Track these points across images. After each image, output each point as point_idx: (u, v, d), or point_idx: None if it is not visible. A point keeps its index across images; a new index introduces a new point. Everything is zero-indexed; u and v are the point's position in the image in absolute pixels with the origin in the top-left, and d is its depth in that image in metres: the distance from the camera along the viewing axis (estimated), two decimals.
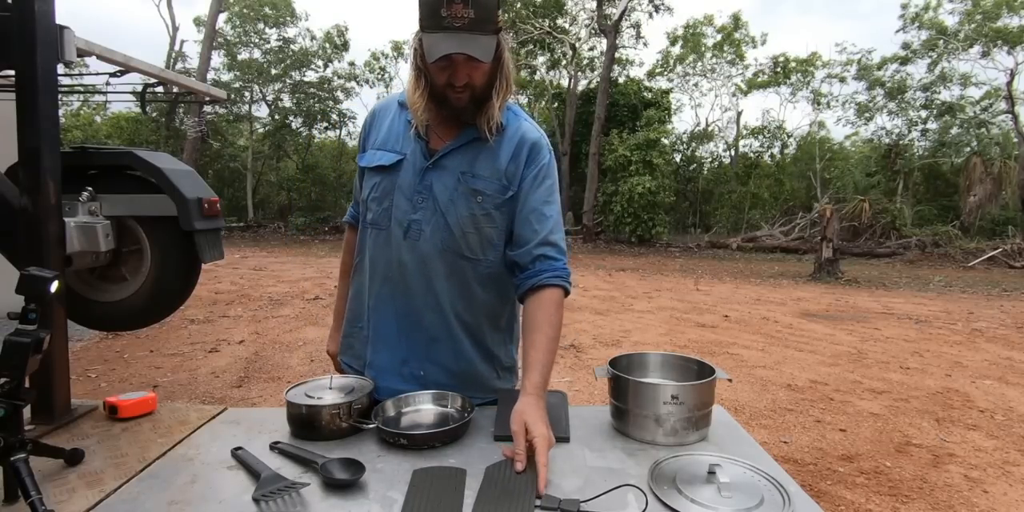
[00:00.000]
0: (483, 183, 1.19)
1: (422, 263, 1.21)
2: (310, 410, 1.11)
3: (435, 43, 1.04)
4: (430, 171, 1.20)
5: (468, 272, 1.23)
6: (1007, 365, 5.02)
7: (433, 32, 1.05)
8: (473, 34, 1.04)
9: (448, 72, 1.09)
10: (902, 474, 2.91)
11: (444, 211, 1.19)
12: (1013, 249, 14.36)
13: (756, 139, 24.36)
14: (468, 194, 1.19)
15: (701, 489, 0.90)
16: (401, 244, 1.22)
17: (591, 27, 20.66)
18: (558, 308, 1.16)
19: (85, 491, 0.92)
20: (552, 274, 1.17)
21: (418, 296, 1.23)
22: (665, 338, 5.77)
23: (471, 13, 1.02)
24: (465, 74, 1.09)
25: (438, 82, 1.12)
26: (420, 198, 1.20)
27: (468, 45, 1.04)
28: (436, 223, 1.20)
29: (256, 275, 9.83)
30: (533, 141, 1.22)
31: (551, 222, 1.21)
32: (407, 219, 1.21)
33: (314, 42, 22.05)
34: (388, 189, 1.22)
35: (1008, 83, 18.86)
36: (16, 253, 1.31)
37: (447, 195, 1.19)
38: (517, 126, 1.23)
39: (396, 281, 1.24)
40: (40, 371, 1.11)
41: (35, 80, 1.20)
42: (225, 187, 22.03)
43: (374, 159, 1.25)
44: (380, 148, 1.25)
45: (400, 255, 1.22)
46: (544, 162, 1.23)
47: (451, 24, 1.03)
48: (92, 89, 2.83)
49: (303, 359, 4.82)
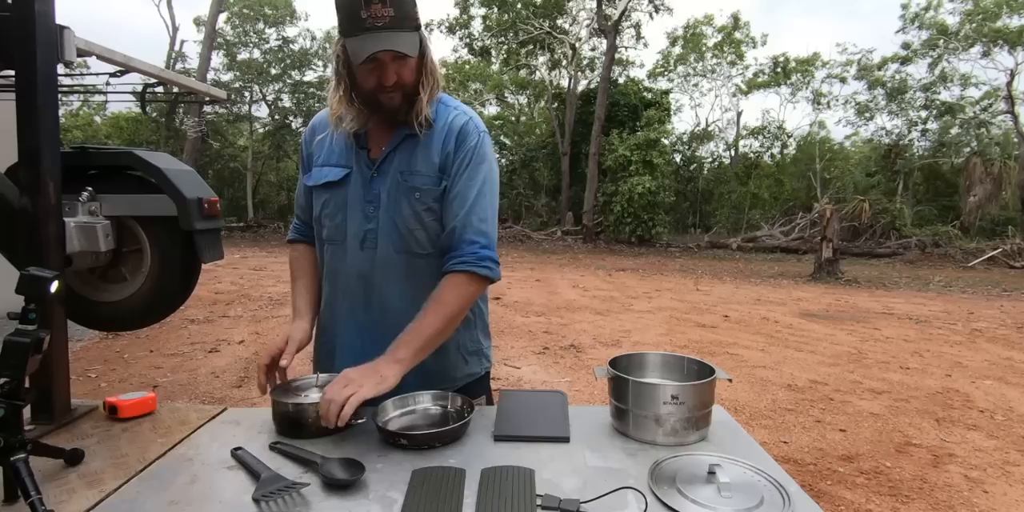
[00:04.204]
0: (420, 179, 1.19)
1: (382, 270, 1.23)
2: (297, 408, 1.12)
3: (360, 45, 1.05)
4: (375, 179, 1.21)
5: (424, 269, 1.24)
6: (1007, 365, 5.02)
7: (356, 35, 1.05)
8: (395, 31, 1.05)
9: (377, 74, 1.10)
10: (902, 474, 2.91)
11: (392, 214, 1.20)
12: (1013, 249, 14.37)
13: (756, 139, 24.38)
14: (407, 192, 1.20)
15: (701, 489, 0.89)
16: (358, 255, 1.23)
17: (591, 27, 20.66)
18: (453, 289, 1.15)
19: (85, 491, 0.92)
20: (458, 260, 1.17)
21: (382, 302, 1.24)
22: (665, 338, 5.77)
23: (391, 11, 1.03)
24: (393, 73, 1.10)
25: (368, 86, 1.12)
26: (371, 207, 1.21)
27: (393, 42, 1.05)
28: (386, 228, 1.21)
29: (256, 275, 9.83)
30: (460, 126, 1.21)
31: (470, 204, 1.19)
32: (362, 230, 1.22)
33: (314, 42, 22.07)
34: (340, 204, 1.23)
35: (1008, 83, 18.87)
36: (16, 253, 1.31)
37: (390, 198, 1.20)
38: (446, 116, 1.22)
39: (357, 292, 1.25)
40: (40, 371, 1.11)
41: (35, 80, 1.20)
42: (225, 187, 22.03)
43: (321, 176, 1.25)
44: (324, 164, 1.25)
45: (359, 266, 1.24)
46: (471, 145, 1.21)
47: (372, 24, 1.03)
48: (92, 89, 2.83)
49: (303, 359, 4.81)
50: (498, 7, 20.17)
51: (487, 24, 20.88)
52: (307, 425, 1.11)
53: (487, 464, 0.99)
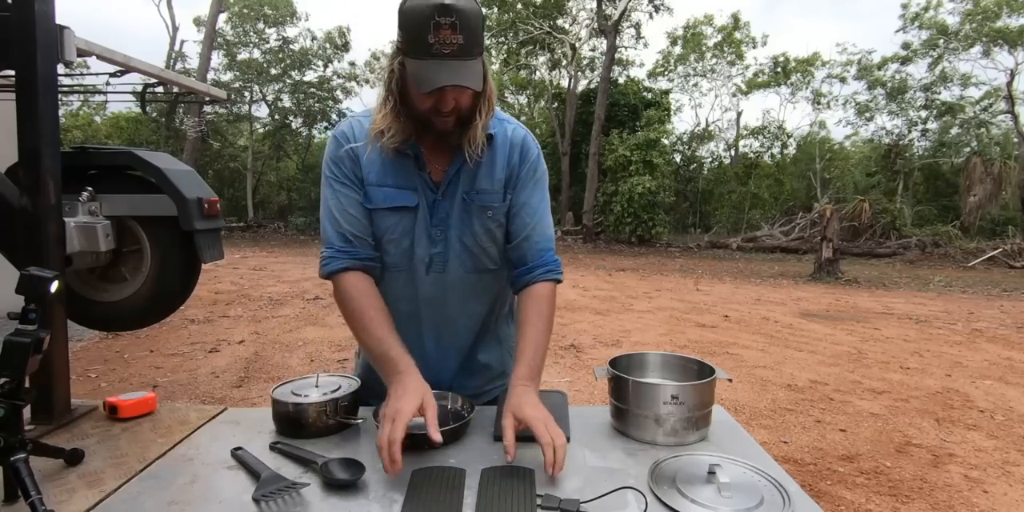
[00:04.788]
0: (488, 197, 1.17)
1: (453, 292, 1.21)
2: (297, 408, 1.12)
3: (424, 72, 0.98)
4: (440, 202, 1.16)
5: (492, 284, 1.25)
6: (1007, 365, 5.02)
7: (420, 59, 0.98)
8: (462, 60, 0.98)
9: (435, 99, 1.03)
10: (902, 474, 2.91)
11: (460, 235, 1.18)
12: (1013, 249, 14.37)
13: (756, 139, 24.38)
14: (478, 212, 1.17)
15: (701, 489, 0.89)
16: (423, 280, 1.19)
17: (591, 27, 20.66)
18: (549, 302, 1.17)
19: (85, 491, 0.92)
20: (544, 270, 1.19)
21: (449, 326, 1.23)
22: (665, 338, 5.77)
23: (460, 39, 0.96)
24: (452, 100, 1.04)
25: (422, 107, 1.06)
26: (437, 231, 1.17)
27: (461, 75, 0.98)
28: (456, 249, 1.18)
29: (256, 275, 9.83)
30: (522, 139, 1.21)
31: (539, 214, 1.21)
32: (428, 255, 1.18)
33: (315, 42, 22.08)
34: (408, 229, 1.16)
35: (1008, 83, 18.87)
36: (16, 253, 1.31)
37: (458, 219, 1.17)
38: (504, 130, 1.19)
39: (422, 318, 1.22)
40: (40, 371, 1.11)
41: (35, 80, 1.20)
42: (225, 187, 22.04)
43: (388, 198, 1.15)
44: (381, 184, 1.15)
45: (427, 292, 1.20)
46: (534, 156, 1.21)
47: (439, 51, 0.96)
48: (92, 89, 2.83)
49: (303, 359, 4.82)
50: (498, 7, 20.16)
51: (487, 24, 20.88)
52: (307, 425, 1.11)
53: (487, 464, 0.99)
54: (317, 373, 1.26)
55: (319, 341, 5.40)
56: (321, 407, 1.11)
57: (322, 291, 8.16)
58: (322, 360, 4.79)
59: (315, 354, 4.97)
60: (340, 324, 6.15)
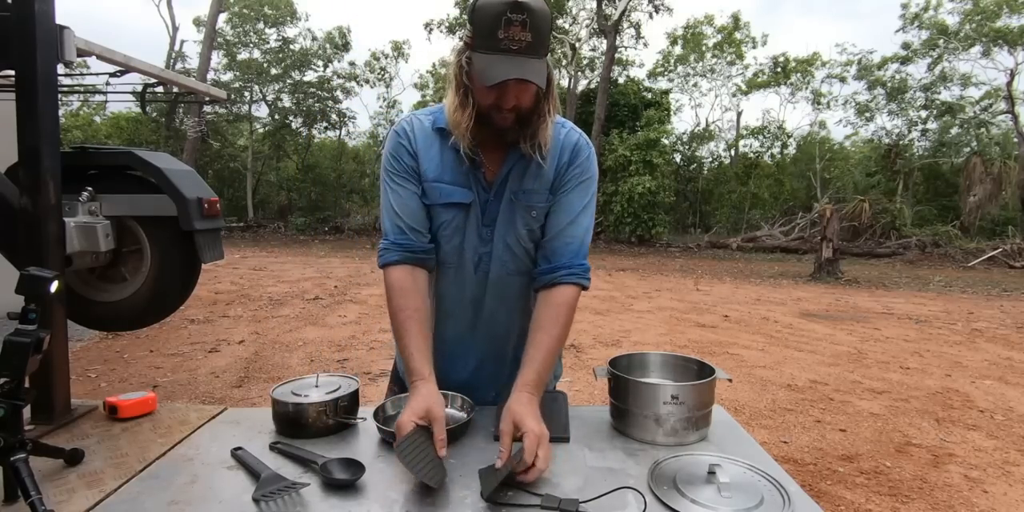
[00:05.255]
0: (534, 197, 1.18)
1: (493, 293, 1.22)
2: (296, 408, 1.12)
3: (491, 66, 1.01)
4: (491, 202, 1.18)
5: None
6: (1007, 365, 5.02)
7: (487, 54, 1.01)
8: (528, 57, 1.01)
9: (496, 94, 1.05)
10: (902, 474, 2.91)
11: (505, 235, 1.18)
12: (1013, 249, 14.37)
13: (756, 139, 24.36)
14: (523, 211, 1.18)
15: (701, 489, 0.90)
16: (472, 279, 1.21)
17: (591, 27, 20.66)
18: (568, 308, 1.15)
19: (85, 491, 0.92)
20: (568, 272, 1.17)
21: (489, 327, 1.24)
22: (665, 338, 5.77)
23: (528, 36, 0.99)
24: (514, 97, 1.06)
25: (483, 103, 1.08)
26: (487, 231, 1.19)
27: (525, 70, 1.00)
28: (501, 249, 1.19)
29: (256, 275, 9.83)
30: (575, 141, 1.21)
31: (576, 215, 1.19)
32: (477, 254, 1.20)
33: (315, 42, 22.07)
34: (460, 226, 1.18)
35: (1008, 83, 18.86)
36: (16, 253, 1.31)
37: (504, 218, 1.18)
38: (559, 133, 1.20)
39: (465, 317, 1.24)
40: (40, 371, 1.11)
41: (35, 80, 1.20)
42: (225, 187, 22.03)
43: (444, 195, 1.16)
44: (438, 181, 1.16)
45: (472, 291, 1.22)
46: (584, 157, 1.21)
47: (508, 46, 0.99)
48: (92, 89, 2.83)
49: (303, 359, 4.82)
50: None
51: None
52: (307, 425, 1.11)
53: (487, 464, 0.99)
54: (317, 373, 1.26)
55: (319, 341, 5.40)
56: (321, 407, 1.11)
57: (322, 291, 8.16)
58: (322, 360, 4.79)
59: (315, 354, 4.97)
60: (340, 324, 6.15)
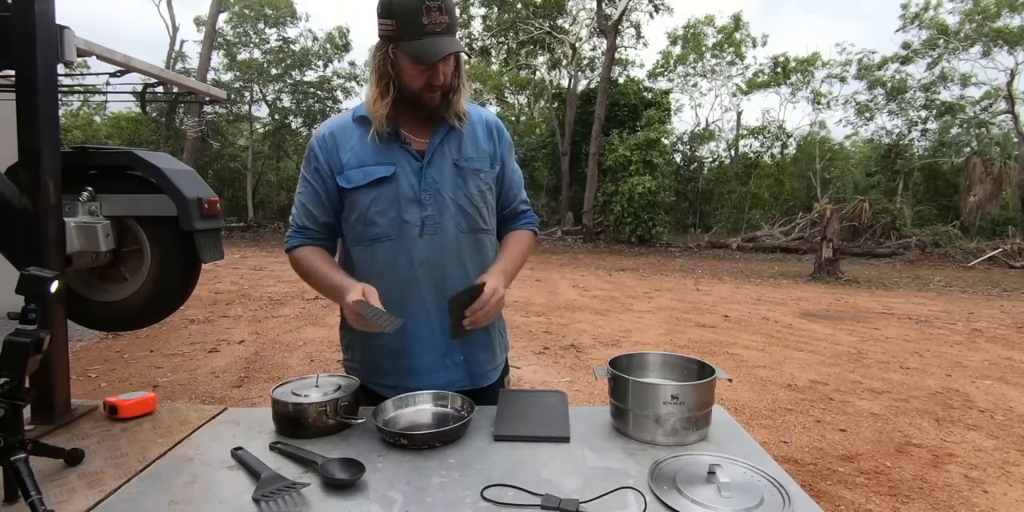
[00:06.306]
0: (478, 163, 1.33)
1: (445, 251, 1.29)
2: (296, 408, 1.12)
3: (423, 48, 1.15)
4: (426, 169, 1.28)
5: (486, 242, 1.36)
6: (1007, 365, 5.02)
7: (417, 39, 1.15)
8: (450, 36, 1.17)
9: (427, 74, 1.20)
10: (902, 474, 2.91)
11: (453, 197, 1.29)
12: (1013, 249, 14.37)
13: (756, 139, 24.37)
14: (472, 174, 1.31)
15: (701, 489, 0.90)
16: (417, 243, 1.27)
17: (591, 27, 20.66)
18: (529, 241, 1.46)
19: (85, 491, 0.92)
20: (527, 222, 1.48)
21: (445, 285, 1.29)
22: (665, 338, 5.77)
23: (446, 18, 1.16)
24: (442, 73, 1.20)
25: (414, 86, 1.22)
26: (427, 195, 1.27)
27: (455, 45, 1.17)
28: (451, 211, 1.28)
29: (256, 275, 9.83)
30: (495, 121, 1.40)
31: (520, 183, 1.48)
32: (419, 218, 1.27)
33: (315, 42, 22.07)
34: (392, 199, 1.26)
35: (1008, 83, 18.87)
36: (16, 253, 1.31)
37: (452, 182, 1.29)
38: (476, 111, 1.38)
39: (421, 280, 1.28)
40: (40, 371, 1.11)
41: (35, 80, 1.20)
42: (225, 187, 22.03)
43: (366, 175, 1.26)
44: (360, 166, 1.27)
45: (422, 254, 1.28)
46: (507, 135, 1.43)
47: (433, 30, 1.15)
48: (92, 89, 2.83)
49: (303, 359, 4.82)
50: (498, 7, 20.15)
51: (487, 24, 20.87)
52: (307, 425, 1.11)
53: (487, 464, 0.99)
54: (317, 373, 1.26)
55: (319, 341, 5.40)
56: (321, 407, 1.11)
57: None
58: (322, 360, 4.79)
59: (315, 354, 4.97)
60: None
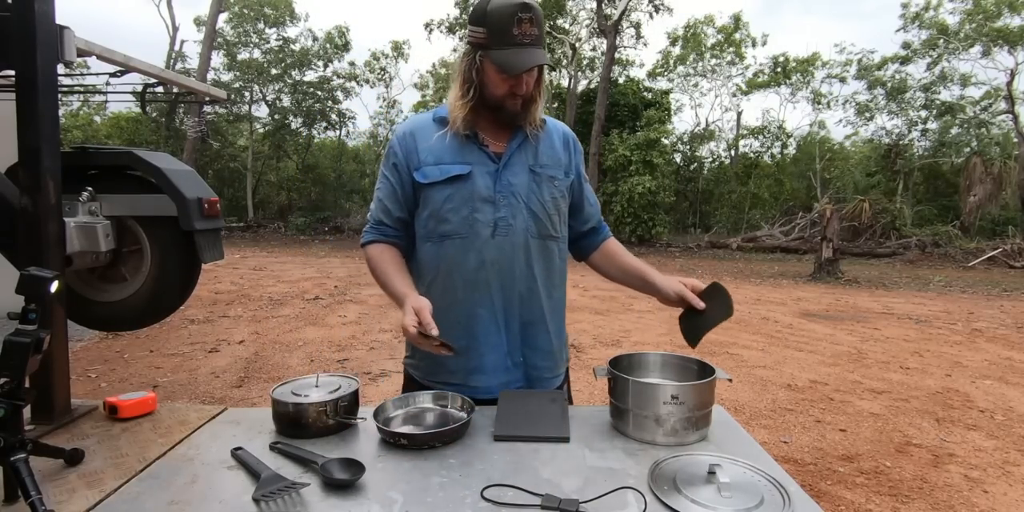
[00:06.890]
0: (552, 170, 1.36)
1: (515, 254, 1.31)
2: (297, 408, 1.12)
3: (512, 58, 1.19)
4: (502, 171, 1.30)
5: (554, 250, 1.38)
6: (1007, 365, 5.02)
7: (505, 49, 1.19)
8: (539, 48, 1.21)
9: (511, 83, 1.23)
10: (902, 474, 2.91)
11: (527, 201, 1.31)
12: (1013, 249, 14.36)
13: (756, 139, 24.35)
14: (546, 181, 1.34)
15: (701, 489, 0.89)
16: (488, 244, 1.29)
17: (591, 27, 20.66)
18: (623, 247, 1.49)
19: (85, 491, 0.92)
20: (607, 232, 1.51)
21: (512, 288, 1.31)
22: (665, 338, 5.77)
23: (536, 30, 1.20)
24: (525, 83, 1.24)
25: (497, 93, 1.25)
26: (501, 197, 1.30)
27: (543, 57, 1.21)
28: (523, 214, 1.31)
29: (256, 275, 9.83)
30: (571, 133, 1.45)
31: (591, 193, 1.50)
32: (492, 220, 1.29)
33: (315, 42, 22.06)
34: (466, 197, 1.29)
35: (1008, 83, 18.85)
36: (16, 253, 1.31)
37: (527, 187, 1.32)
38: (551, 121, 1.41)
39: (485, 282, 1.30)
40: (40, 371, 1.11)
41: (35, 80, 1.20)
42: (225, 187, 22.01)
43: (442, 172, 1.29)
44: (438, 163, 1.30)
45: (491, 255, 1.30)
46: (580, 148, 1.46)
47: (522, 41, 1.19)
48: (92, 89, 2.83)
49: (303, 359, 4.82)
50: None
51: None
52: (307, 425, 1.11)
53: (487, 464, 0.99)
54: (317, 373, 1.26)
55: (319, 341, 5.40)
56: (321, 407, 1.11)
57: (322, 291, 8.16)
58: (322, 360, 4.79)
59: (315, 354, 4.97)
60: (340, 324, 6.15)
